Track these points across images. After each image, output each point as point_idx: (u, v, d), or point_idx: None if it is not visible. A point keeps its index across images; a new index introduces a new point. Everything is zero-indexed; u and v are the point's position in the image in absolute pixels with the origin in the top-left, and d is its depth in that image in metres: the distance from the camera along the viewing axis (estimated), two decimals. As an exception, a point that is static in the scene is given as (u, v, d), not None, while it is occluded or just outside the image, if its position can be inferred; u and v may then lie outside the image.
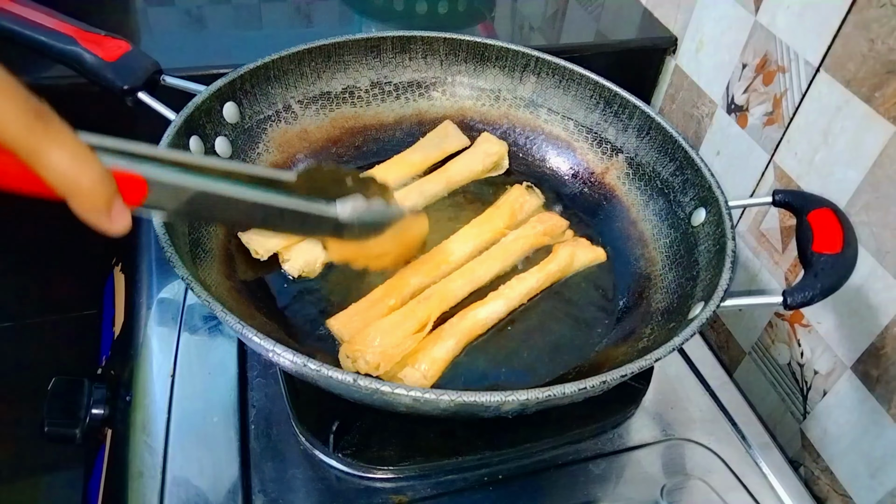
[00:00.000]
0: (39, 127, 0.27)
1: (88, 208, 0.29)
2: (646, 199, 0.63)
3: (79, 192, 0.29)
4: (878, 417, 0.57)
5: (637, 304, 0.57)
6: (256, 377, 0.55)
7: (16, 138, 0.27)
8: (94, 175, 0.29)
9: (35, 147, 0.27)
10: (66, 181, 0.28)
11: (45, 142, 0.27)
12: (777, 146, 0.65)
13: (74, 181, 0.28)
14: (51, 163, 0.28)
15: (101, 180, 0.29)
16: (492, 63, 0.69)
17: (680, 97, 0.80)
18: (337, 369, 0.38)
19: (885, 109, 0.53)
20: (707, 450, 0.55)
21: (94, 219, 0.30)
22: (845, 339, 0.59)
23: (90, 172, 0.29)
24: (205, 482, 0.48)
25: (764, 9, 0.65)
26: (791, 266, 0.65)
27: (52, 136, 0.28)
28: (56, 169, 0.28)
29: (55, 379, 0.56)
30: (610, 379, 0.40)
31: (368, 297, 0.55)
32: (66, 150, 0.28)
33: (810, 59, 0.60)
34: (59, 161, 0.28)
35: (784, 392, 0.67)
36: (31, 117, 0.27)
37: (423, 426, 0.52)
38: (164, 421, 0.52)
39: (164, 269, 0.64)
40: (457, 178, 0.66)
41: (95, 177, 0.29)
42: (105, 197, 0.30)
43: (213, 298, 0.41)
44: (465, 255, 0.59)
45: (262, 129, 0.62)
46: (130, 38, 0.57)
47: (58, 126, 0.28)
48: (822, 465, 0.63)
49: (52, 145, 0.27)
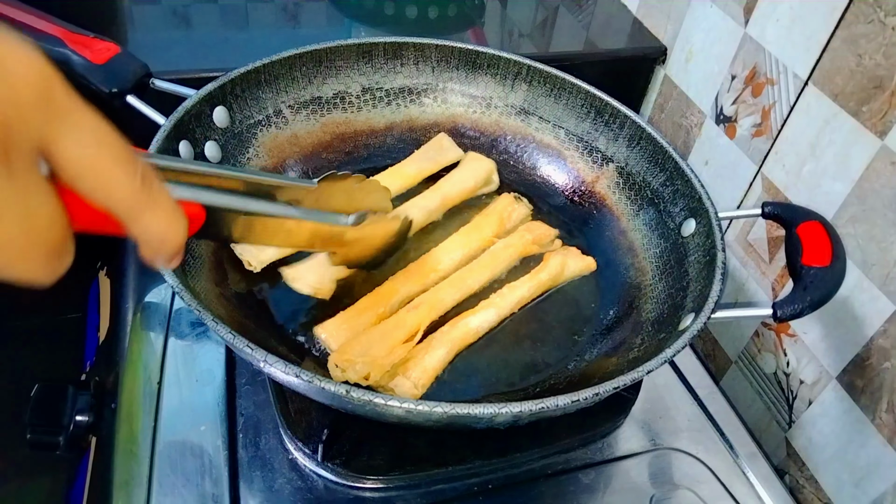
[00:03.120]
0: (145, 192, 0.26)
1: (162, 258, 0.29)
2: (636, 208, 0.64)
3: (161, 249, 0.28)
4: (862, 427, 0.57)
5: (627, 314, 0.57)
6: (245, 385, 0.55)
7: (121, 204, 0.26)
8: (178, 241, 0.28)
9: (136, 210, 0.26)
10: (155, 241, 0.28)
11: (146, 206, 0.26)
12: (765, 157, 0.66)
13: (163, 241, 0.28)
14: (147, 226, 0.27)
15: (179, 244, 0.29)
16: (483, 70, 0.69)
17: (669, 107, 0.81)
18: (329, 381, 0.38)
19: (872, 124, 0.54)
20: (695, 459, 0.56)
21: (158, 263, 0.30)
22: (831, 350, 0.60)
23: (179, 233, 0.28)
24: (192, 492, 0.48)
25: (754, 21, 0.66)
26: (778, 276, 0.66)
27: (154, 200, 0.27)
28: (150, 231, 0.27)
29: (38, 385, 0.55)
30: (603, 391, 0.40)
31: (356, 305, 0.54)
32: (163, 213, 0.27)
33: (799, 73, 0.60)
34: (156, 224, 0.27)
35: (770, 401, 0.68)
36: (138, 183, 0.26)
37: (413, 436, 0.51)
38: (150, 429, 0.51)
39: (150, 273, 0.64)
40: (452, 196, 0.65)
41: (178, 243, 0.29)
42: (175, 251, 0.29)
43: (203, 308, 0.40)
44: (454, 263, 0.59)
45: (252, 133, 0.62)
46: (117, 38, 0.57)
47: (157, 188, 0.27)
48: (806, 474, 0.64)
49: (152, 209, 0.27)
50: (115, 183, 0.25)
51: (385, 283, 0.56)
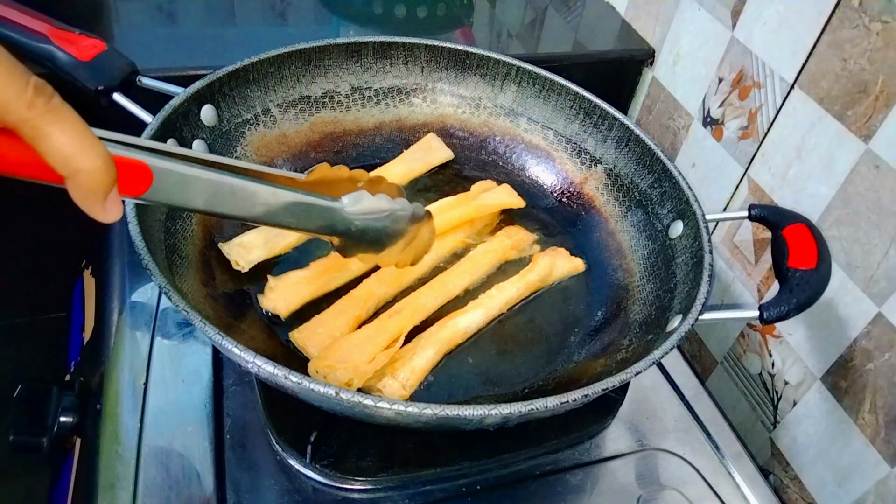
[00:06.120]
0: (41, 104, 0.27)
1: (86, 192, 0.29)
2: (624, 210, 0.64)
3: (79, 173, 0.28)
4: (845, 428, 0.58)
5: (615, 315, 0.57)
6: (232, 385, 0.54)
7: (18, 116, 0.26)
8: (97, 158, 0.28)
9: (37, 125, 0.27)
10: (67, 162, 0.28)
11: (47, 120, 0.27)
12: (751, 160, 0.66)
13: (76, 162, 0.28)
14: (53, 142, 0.27)
15: (102, 164, 0.29)
16: (473, 71, 0.69)
17: (657, 109, 0.81)
18: (319, 382, 0.37)
19: (857, 128, 0.54)
20: (681, 459, 0.56)
21: (89, 204, 0.29)
22: (815, 351, 0.61)
23: (92, 155, 0.28)
24: (178, 493, 0.47)
25: (741, 25, 0.66)
26: (764, 278, 0.66)
27: (55, 114, 0.27)
28: (58, 149, 0.27)
29: (21, 385, 0.55)
30: (591, 392, 0.40)
31: (331, 308, 0.54)
32: (69, 129, 0.27)
33: (785, 76, 0.61)
34: (62, 141, 0.27)
35: (755, 401, 0.69)
36: (31, 93, 0.26)
37: (401, 437, 0.51)
38: (135, 430, 0.51)
39: (136, 272, 0.63)
40: None
41: (98, 160, 0.28)
42: (104, 182, 0.29)
43: (191, 308, 0.40)
44: (428, 263, 0.59)
45: (240, 132, 0.61)
46: (104, 34, 0.56)
47: (60, 104, 0.27)
48: (791, 474, 0.65)
49: (55, 124, 0.27)
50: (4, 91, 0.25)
51: (360, 286, 0.56)
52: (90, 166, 0.28)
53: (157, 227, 0.50)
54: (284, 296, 0.54)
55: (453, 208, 0.62)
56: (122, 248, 0.65)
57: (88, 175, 0.28)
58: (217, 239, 0.56)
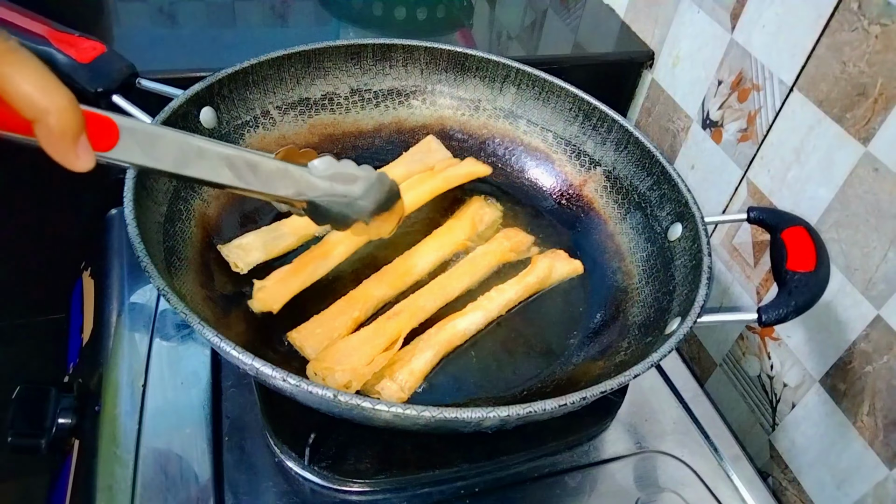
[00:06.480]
0: (2, 48, 0.28)
1: (57, 136, 0.30)
2: (623, 212, 0.64)
3: (46, 115, 0.29)
4: (844, 430, 0.58)
5: (614, 317, 0.57)
6: (230, 387, 0.54)
7: None
8: (62, 100, 0.29)
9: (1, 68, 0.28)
10: (33, 103, 0.28)
11: (8, 60, 0.28)
12: (750, 162, 0.66)
13: (42, 103, 0.29)
14: (18, 83, 0.28)
15: (68, 106, 0.29)
16: (472, 73, 0.69)
17: (656, 111, 0.81)
18: (318, 384, 0.38)
19: (856, 130, 0.54)
20: (680, 462, 0.56)
21: (62, 149, 0.30)
22: (814, 353, 0.61)
23: (58, 96, 0.29)
24: (176, 495, 0.48)
25: (740, 27, 0.66)
26: (762, 280, 0.66)
27: (19, 59, 0.28)
28: (24, 90, 0.28)
29: (20, 387, 0.55)
30: (590, 395, 0.40)
31: (330, 309, 0.54)
32: (32, 71, 0.28)
33: (784, 79, 0.61)
34: (26, 83, 0.28)
35: (754, 403, 0.69)
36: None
37: (399, 439, 0.51)
38: (134, 432, 0.51)
39: (135, 273, 0.63)
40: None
41: (64, 101, 0.29)
42: (73, 125, 0.30)
43: (190, 310, 0.40)
44: (428, 266, 0.59)
45: (239, 134, 0.61)
46: (103, 37, 0.56)
47: (18, 46, 0.28)
48: (789, 476, 0.65)
49: (19, 67, 0.28)
50: None
51: (359, 287, 0.56)
52: (57, 106, 0.29)
53: (155, 230, 0.50)
54: (272, 292, 0.54)
55: (423, 182, 0.63)
56: (120, 250, 0.65)
57: (56, 115, 0.29)
58: (216, 241, 0.56)
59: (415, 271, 0.58)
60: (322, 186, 0.47)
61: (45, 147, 0.30)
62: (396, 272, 0.58)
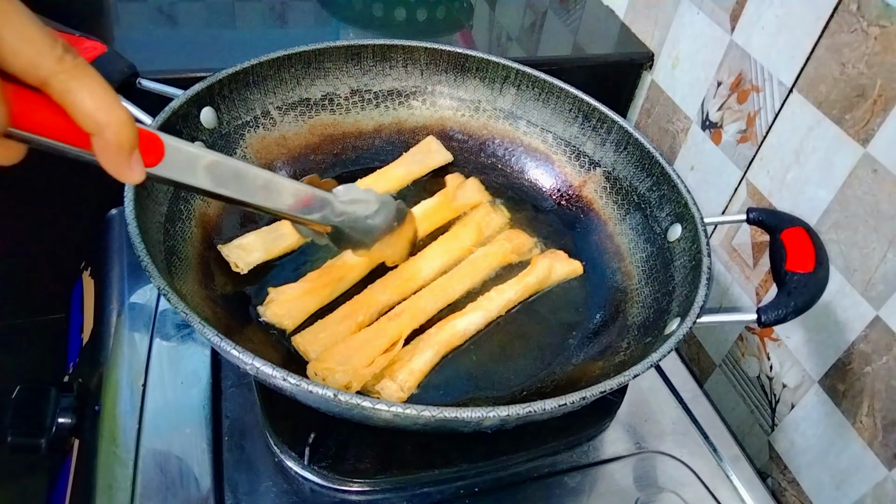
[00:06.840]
0: (69, 59, 0.28)
1: (113, 149, 0.30)
2: (622, 213, 0.64)
3: (106, 129, 0.29)
4: (843, 431, 0.58)
5: (614, 317, 0.58)
6: (230, 387, 0.54)
7: (49, 70, 0.27)
8: (121, 115, 0.30)
9: (66, 80, 0.28)
10: (95, 118, 0.29)
11: (75, 75, 0.28)
12: (750, 163, 0.66)
13: (103, 119, 0.29)
14: (81, 99, 0.28)
15: (126, 122, 0.30)
16: (472, 74, 0.69)
17: (655, 112, 0.81)
18: (317, 384, 0.38)
19: (855, 132, 0.54)
20: (679, 462, 0.56)
21: (117, 162, 0.31)
22: (813, 354, 0.61)
23: (117, 113, 0.30)
24: (176, 495, 0.48)
25: (740, 28, 0.66)
26: (762, 281, 0.66)
27: (82, 70, 0.28)
28: (86, 104, 0.29)
29: (20, 387, 0.55)
30: (590, 395, 0.40)
31: (334, 313, 0.54)
32: (95, 86, 0.29)
33: (784, 80, 0.61)
34: (90, 98, 0.28)
35: (753, 404, 0.69)
36: (61, 50, 0.28)
37: (399, 439, 0.51)
38: (134, 431, 0.51)
39: (135, 273, 0.63)
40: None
41: (122, 117, 0.30)
42: (129, 139, 0.30)
43: (190, 310, 0.40)
44: (434, 272, 0.59)
45: (239, 134, 0.61)
46: (104, 37, 0.56)
47: (85, 63, 0.29)
48: (788, 477, 0.65)
49: (82, 79, 0.28)
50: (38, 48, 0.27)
51: (364, 292, 0.56)
52: (116, 121, 0.29)
53: (156, 229, 0.50)
54: (289, 310, 0.53)
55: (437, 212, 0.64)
56: (121, 250, 0.65)
57: (114, 129, 0.30)
58: (216, 241, 0.56)
59: (420, 276, 0.58)
60: (346, 210, 0.49)
61: (100, 159, 0.31)
62: (402, 277, 0.58)
